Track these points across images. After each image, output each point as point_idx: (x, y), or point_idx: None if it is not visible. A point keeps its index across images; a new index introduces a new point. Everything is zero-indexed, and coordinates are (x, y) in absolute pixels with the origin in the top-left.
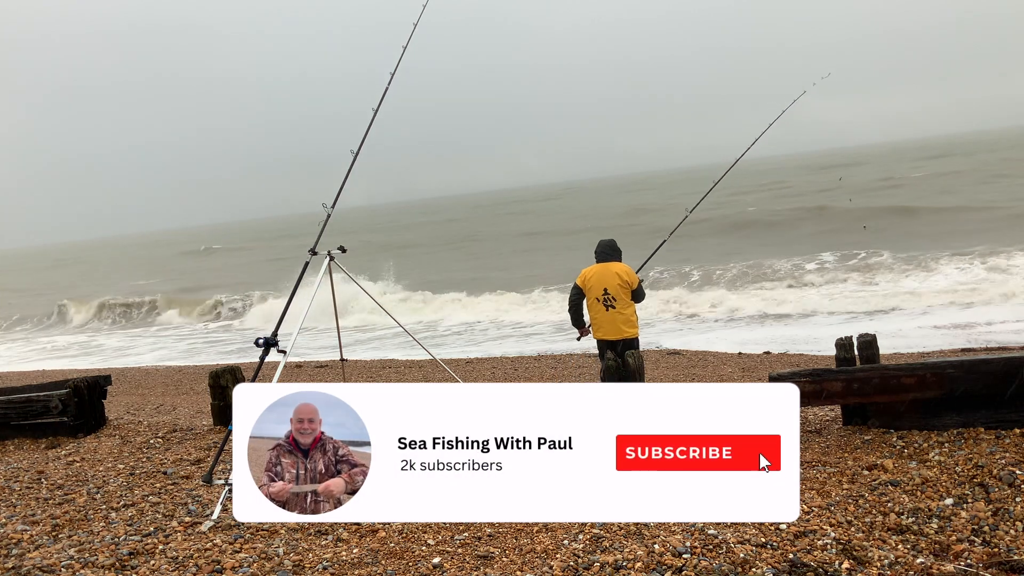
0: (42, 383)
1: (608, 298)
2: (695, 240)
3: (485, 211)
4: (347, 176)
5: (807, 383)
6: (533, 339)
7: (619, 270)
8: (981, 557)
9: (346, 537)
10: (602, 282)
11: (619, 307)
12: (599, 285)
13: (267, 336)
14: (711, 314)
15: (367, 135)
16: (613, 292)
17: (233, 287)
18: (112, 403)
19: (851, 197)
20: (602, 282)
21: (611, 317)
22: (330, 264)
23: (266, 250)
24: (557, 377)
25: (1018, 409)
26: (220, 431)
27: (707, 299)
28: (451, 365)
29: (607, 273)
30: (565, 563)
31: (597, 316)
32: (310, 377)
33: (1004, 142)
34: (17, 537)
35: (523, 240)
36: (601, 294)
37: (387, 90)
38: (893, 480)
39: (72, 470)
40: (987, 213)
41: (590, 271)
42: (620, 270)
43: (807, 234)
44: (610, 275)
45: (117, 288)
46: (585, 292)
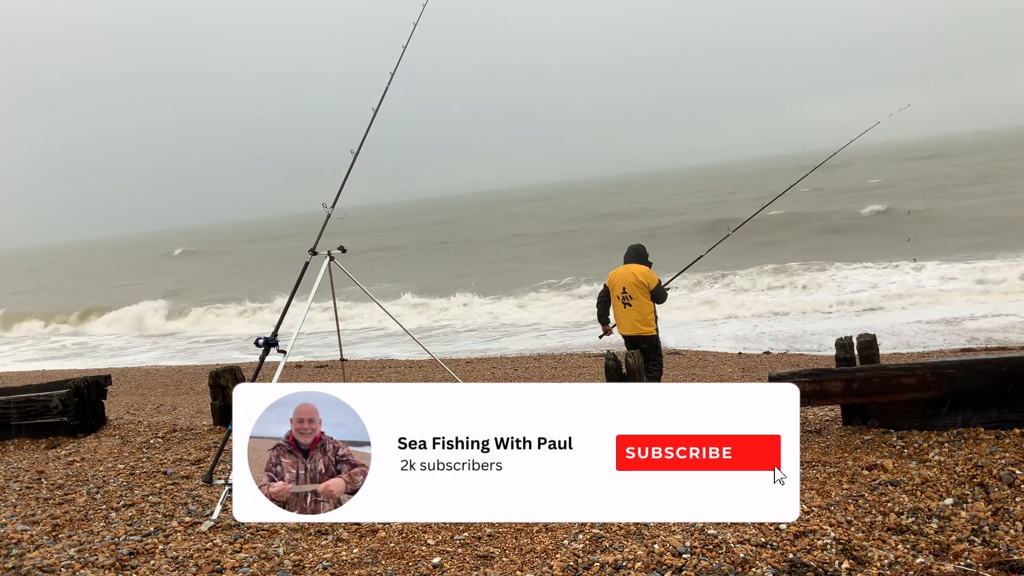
0: (42, 383)
1: (626, 296)
2: (697, 240)
3: (480, 211)
4: (347, 176)
5: (807, 383)
6: (527, 338)
7: (636, 271)
8: (981, 557)
9: (346, 537)
10: (622, 281)
11: (636, 305)
12: (619, 284)
13: (267, 336)
14: (711, 314)
15: (367, 135)
16: (630, 291)
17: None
18: (112, 403)
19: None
20: (622, 281)
21: (627, 314)
22: (330, 264)
23: (238, 254)
24: (557, 377)
25: (1018, 409)
26: (220, 431)
27: (707, 299)
28: (451, 365)
29: (627, 273)
30: (565, 563)
31: (617, 312)
32: (310, 377)
33: (995, 143)
34: (17, 537)
35: (504, 244)
36: (620, 292)
37: (387, 90)
38: (893, 480)
39: (72, 470)
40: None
41: (615, 272)
42: (638, 271)
43: (807, 234)
44: (628, 275)
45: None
46: (610, 290)
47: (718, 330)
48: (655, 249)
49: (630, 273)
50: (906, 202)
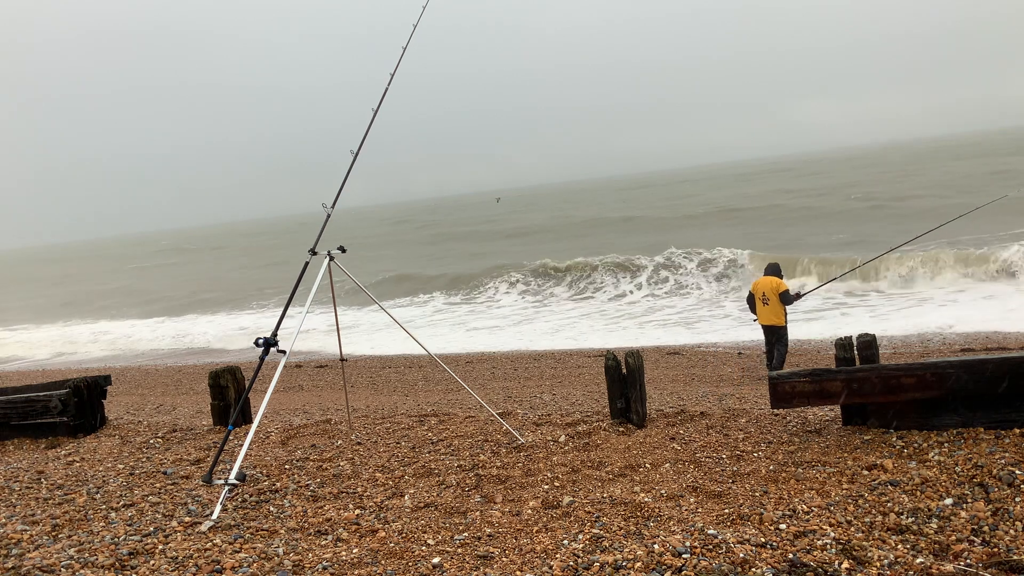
0: (42, 383)
1: (765, 298)
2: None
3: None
4: (347, 176)
5: (807, 383)
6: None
7: (771, 281)
8: (981, 557)
9: (346, 537)
10: (763, 287)
11: (771, 305)
12: (760, 289)
13: (267, 336)
14: (711, 313)
15: (367, 135)
16: (768, 295)
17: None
18: (112, 403)
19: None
20: (763, 287)
21: (765, 310)
22: (330, 264)
23: (219, 254)
24: (557, 376)
25: (1018, 409)
26: (220, 431)
27: (706, 299)
28: (450, 364)
29: (767, 281)
30: (565, 563)
31: (758, 309)
32: (310, 377)
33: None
34: (17, 537)
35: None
36: (760, 295)
37: (387, 90)
38: (893, 480)
39: (72, 470)
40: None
41: (758, 280)
42: (772, 281)
43: (803, 235)
44: (766, 283)
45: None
46: (754, 293)
47: (718, 330)
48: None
49: (767, 281)
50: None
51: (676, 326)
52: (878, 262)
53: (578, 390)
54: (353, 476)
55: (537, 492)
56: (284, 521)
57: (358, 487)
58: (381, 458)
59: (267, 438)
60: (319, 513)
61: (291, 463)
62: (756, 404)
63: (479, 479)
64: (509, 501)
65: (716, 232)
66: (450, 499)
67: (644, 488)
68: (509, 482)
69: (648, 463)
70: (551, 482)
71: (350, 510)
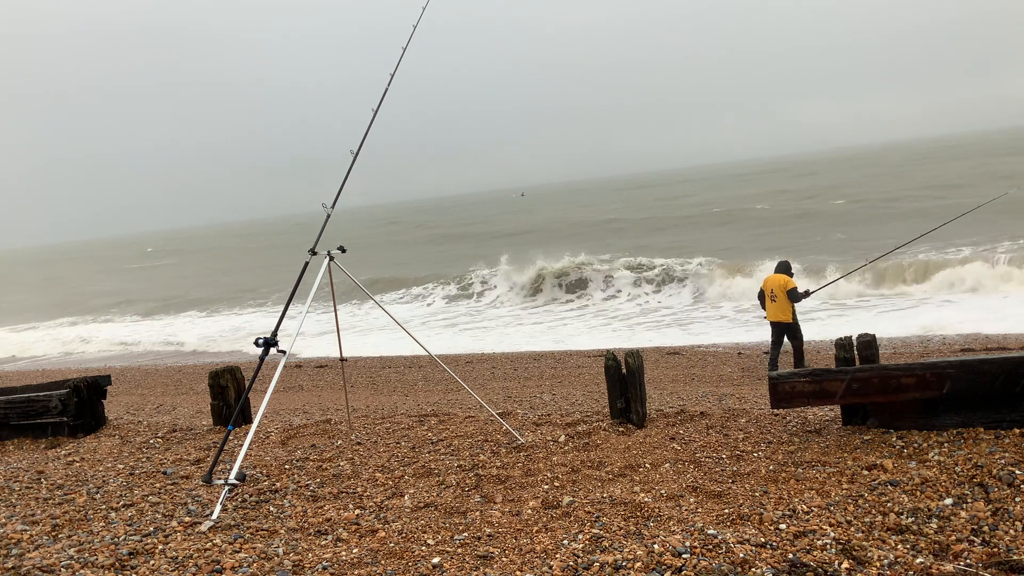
0: (42, 383)
1: (772, 294)
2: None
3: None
4: (347, 176)
5: (807, 383)
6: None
7: (780, 278)
8: (981, 557)
9: (346, 537)
10: (772, 284)
11: (779, 301)
12: (769, 287)
13: (267, 336)
14: (711, 313)
15: (367, 135)
16: (776, 292)
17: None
18: (112, 403)
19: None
20: (772, 284)
21: (773, 307)
22: (329, 264)
23: (219, 254)
24: (557, 376)
25: (1017, 409)
26: (220, 431)
27: (707, 298)
28: (450, 364)
29: (775, 279)
30: (565, 563)
31: (767, 304)
32: (310, 377)
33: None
34: (17, 537)
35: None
36: (769, 292)
37: (387, 90)
38: (892, 480)
39: (72, 470)
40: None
41: (768, 278)
42: (781, 279)
43: (804, 233)
44: (775, 280)
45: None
46: (764, 290)
47: (718, 330)
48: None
49: (776, 279)
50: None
51: (671, 327)
52: (878, 262)
53: (578, 390)
54: (353, 476)
55: (537, 492)
56: (284, 521)
57: (358, 487)
58: (381, 458)
59: (267, 438)
60: (319, 513)
61: (291, 463)
62: (756, 404)
63: (479, 479)
64: (509, 501)
65: (716, 232)
66: (450, 499)
67: (644, 488)
68: (509, 482)
69: (648, 463)
70: (551, 482)
71: (350, 510)
